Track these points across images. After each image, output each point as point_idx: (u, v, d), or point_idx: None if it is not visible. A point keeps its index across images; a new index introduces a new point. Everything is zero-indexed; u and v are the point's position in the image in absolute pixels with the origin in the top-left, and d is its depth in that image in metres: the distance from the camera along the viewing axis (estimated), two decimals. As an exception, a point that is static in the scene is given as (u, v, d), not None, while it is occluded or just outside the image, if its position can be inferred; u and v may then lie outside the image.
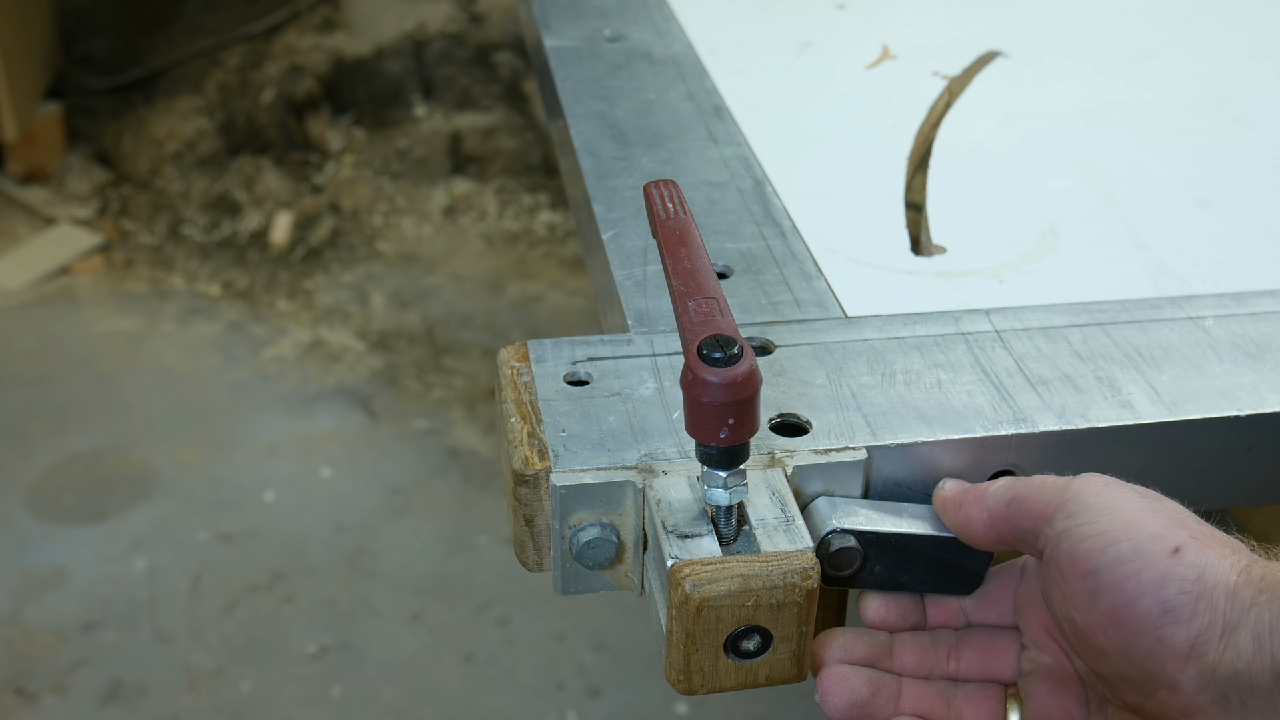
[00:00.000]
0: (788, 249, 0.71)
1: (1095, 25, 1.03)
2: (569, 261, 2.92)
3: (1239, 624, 0.46)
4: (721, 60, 0.96)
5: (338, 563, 2.10)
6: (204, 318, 2.73)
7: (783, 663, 0.50)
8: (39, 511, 2.19)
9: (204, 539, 2.14)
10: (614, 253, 0.70)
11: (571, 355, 0.60)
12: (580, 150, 0.82)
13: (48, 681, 1.88)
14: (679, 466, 0.54)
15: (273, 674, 1.90)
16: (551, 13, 1.03)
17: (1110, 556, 0.48)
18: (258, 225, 3.02)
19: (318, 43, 3.27)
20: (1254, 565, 0.48)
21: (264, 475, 2.28)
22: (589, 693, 1.88)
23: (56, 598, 2.02)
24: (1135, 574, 0.48)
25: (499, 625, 1.99)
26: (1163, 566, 0.48)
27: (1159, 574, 0.47)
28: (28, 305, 2.74)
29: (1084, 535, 0.49)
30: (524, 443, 0.55)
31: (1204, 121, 0.87)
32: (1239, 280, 0.69)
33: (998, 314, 0.65)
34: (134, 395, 2.47)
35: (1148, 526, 0.49)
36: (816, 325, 0.64)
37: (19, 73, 2.95)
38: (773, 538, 0.50)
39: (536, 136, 3.20)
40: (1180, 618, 0.47)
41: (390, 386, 2.52)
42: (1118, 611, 0.48)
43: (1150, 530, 0.48)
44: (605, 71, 0.93)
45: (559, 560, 0.54)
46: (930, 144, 0.84)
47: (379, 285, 2.84)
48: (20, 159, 3.07)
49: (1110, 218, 0.76)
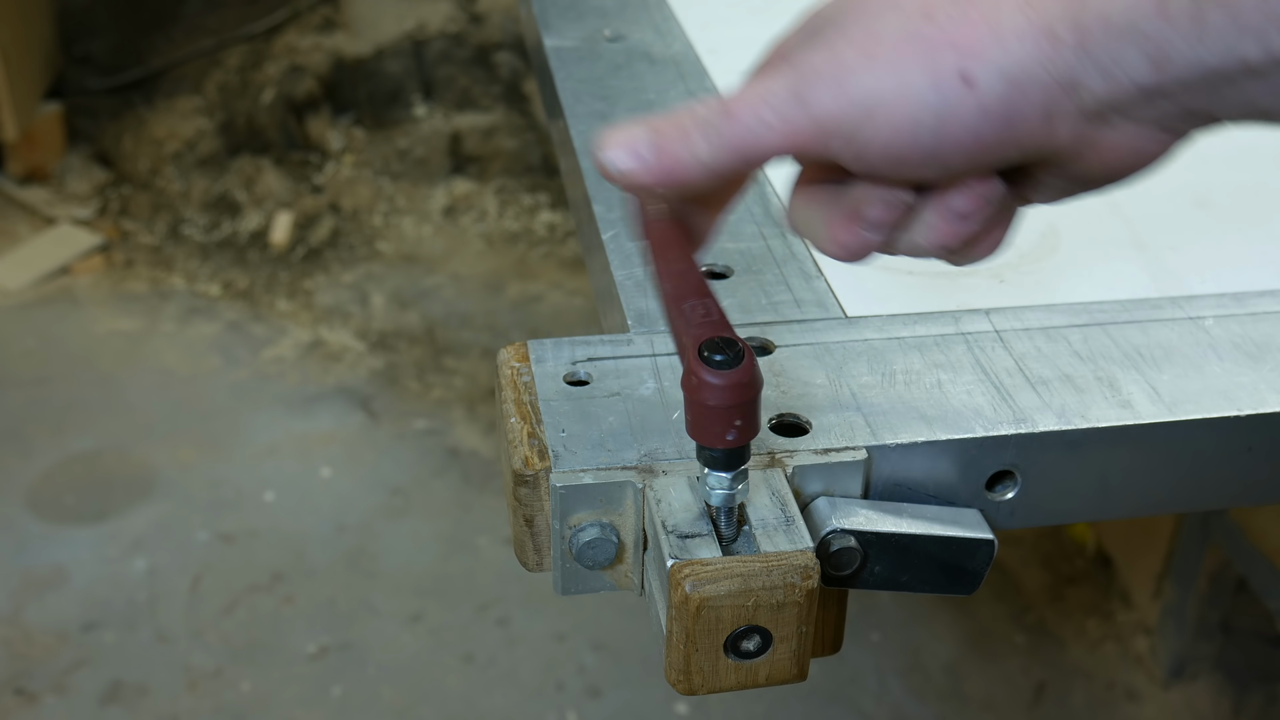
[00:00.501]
0: (788, 249, 0.71)
1: (1095, 25, 1.03)
2: (569, 261, 2.92)
3: (1072, 77, 0.45)
4: (722, 60, 0.96)
5: (338, 563, 2.10)
6: (204, 318, 2.73)
7: (783, 663, 0.50)
8: (39, 512, 2.19)
9: (204, 539, 2.14)
10: (614, 253, 0.70)
11: (571, 355, 0.61)
12: (580, 150, 0.82)
13: (48, 681, 1.88)
14: (679, 466, 0.54)
15: (273, 674, 1.90)
16: (551, 13, 1.03)
17: (922, 145, 0.46)
18: (258, 225, 3.02)
19: (318, 43, 3.27)
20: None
21: (264, 475, 2.28)
22: (589, 693, 1.88)
23: (56, 598, 2.02)
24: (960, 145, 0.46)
25: (499, 625, 1.99)
26: (972, 116, 0.45)
27: (984, 134, 0.46)
28: (28, 305, 2.74)
29: (876, 141, 0.47)
30: (524, 443, 0.55)
31: (1204, 121, 0.87)
32: (1239, 280, 0.69)
33: (998, 314, 0.65)
34: (134, 395, 2.48)
35: (915, 76, 0.45)
36: (816, 325, 0.64)
37: (19, 73, 2.95)
38: (773, 538, 0.50)
39: (536, 136, 3.20)
40: (1017, 133, 0.46)
41: (390, 386, 2.52)
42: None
43: (922, 77, 0.45)
44: (605, 71, 0.93)
45: (559, 560, 0.54)
46: (930, 144, 0.84)
47: (379, 285, 2.84)
48: (20, 159, 3.07)
49: (1110, 218, 0.76)
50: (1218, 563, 1.80)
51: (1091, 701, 1.89)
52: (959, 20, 0.46)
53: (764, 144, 0.49)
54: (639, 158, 0.49)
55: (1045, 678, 1.92)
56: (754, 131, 0.49)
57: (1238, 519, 1.71)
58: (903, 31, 0.46)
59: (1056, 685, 1.91)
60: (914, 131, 0.46)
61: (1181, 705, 1.88)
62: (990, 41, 0.45)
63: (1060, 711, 1.88)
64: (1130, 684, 1.91)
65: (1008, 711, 1.88)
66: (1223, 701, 1.87)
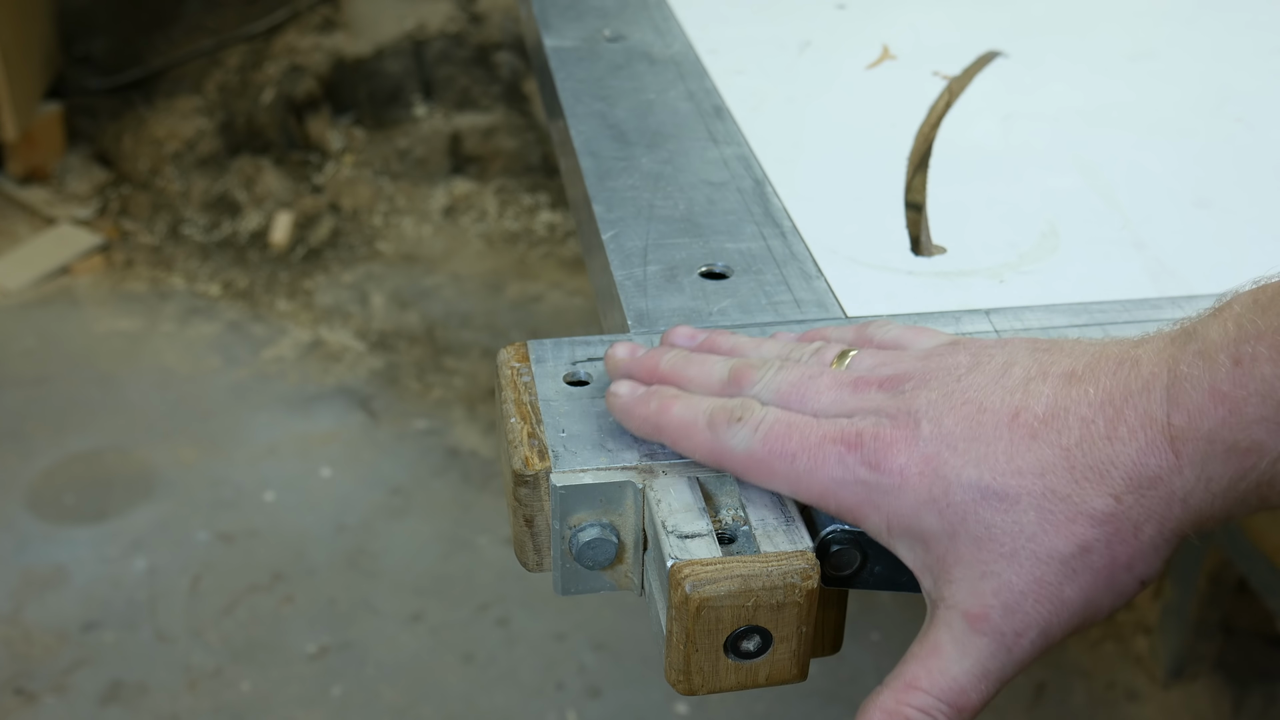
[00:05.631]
0: (788, 249, 0.71)
1: (1095, 26, 1.03)
2: (569, 261, 2.92)
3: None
4: (721, 60, 0.96)
5: (338, 563, 2.10)
6: (204, 318, 2.73)
7: (783, 663, 0.50)
8: (39, 511, 2.19)
9: (204, 539, 2.14)
10: (614, 253, 0.70)
11: (571, 355, 0.61)
12: (580, 150, 0.82)
13: (48, 681, 1.88)
14: (679, 466, 0.54)
15: (273, 674, 1.90)
16: (551, 13, 1.03)
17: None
18: (258, 225, 3.02)
19: (318, 43, 3.27)
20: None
21: (264, 475, 2.28)
22: (589, 693, 1.88)
23: (56, 598, 2.02)
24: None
25: (499, 625, 1.99)
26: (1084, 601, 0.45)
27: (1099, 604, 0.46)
28: (28, 305, 2.74)
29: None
30: (524, 443, 0.55)
31: (1204, 121, 0.87)
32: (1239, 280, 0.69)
33: (998, 314, 0.65)
34: (134, 395, 2.48)
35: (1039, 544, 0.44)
36: (816, 325, 0.64)
37: (19, 73, 2.95)
38: (773, 538, 0.50)
39: (536, 136, 3.20)
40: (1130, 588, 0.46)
41: (390, 386, 2.52)
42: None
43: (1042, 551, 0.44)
44: (605, 71, 0.93)
45: (559, 560, 0.54)
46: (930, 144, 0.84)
47: (379, 285, 2.84)
48: (20, 159, 3.07)
49: (1110, 218, 0.76)
50: (1218, 563, 1.79)
51: (1091, 701, 1.89)
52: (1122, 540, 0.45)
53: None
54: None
55: (1045, 677, 1.92)
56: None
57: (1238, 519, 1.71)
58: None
59: (1056, 685, 1.91)
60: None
61: (1181, 705, 1.88)
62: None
63: (1060, 711, 1.88)
64: (1130, 684, 1.91)
65: (1008, 711, 1.88)
66: (1223, 701, 1.87)
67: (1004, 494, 0.45)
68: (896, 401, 0.48)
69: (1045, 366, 0.47)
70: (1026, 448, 0.45)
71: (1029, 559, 0.44)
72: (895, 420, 0.48)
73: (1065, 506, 0.44)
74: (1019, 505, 0.44)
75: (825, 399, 0.50)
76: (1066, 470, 0.44)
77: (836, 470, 0.48)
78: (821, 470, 0.48)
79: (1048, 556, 0.44)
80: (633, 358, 0.56)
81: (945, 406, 0.47)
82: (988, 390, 0.47)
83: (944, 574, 0.46)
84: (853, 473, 0.47)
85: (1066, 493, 0.44)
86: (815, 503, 0.49)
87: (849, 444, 0.48)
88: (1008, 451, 0.45)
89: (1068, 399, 0.45)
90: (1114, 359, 0.46)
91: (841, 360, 0.53)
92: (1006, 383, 0.47)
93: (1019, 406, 0.46)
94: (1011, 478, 0.45)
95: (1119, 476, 0.44)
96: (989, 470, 0.45)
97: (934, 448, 0.46)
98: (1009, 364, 0.48)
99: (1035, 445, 0.45)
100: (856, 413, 0.49)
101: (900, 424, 0.47)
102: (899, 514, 0.47)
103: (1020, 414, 0.45)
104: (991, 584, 0.45)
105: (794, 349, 0.55)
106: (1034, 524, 0.44)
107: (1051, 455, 0.44)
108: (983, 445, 0.45)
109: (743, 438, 0.50)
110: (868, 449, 0.47)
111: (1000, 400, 0.46)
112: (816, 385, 0.51)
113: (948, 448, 0.46)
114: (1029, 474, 0.45)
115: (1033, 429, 0.45)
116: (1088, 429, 0.44)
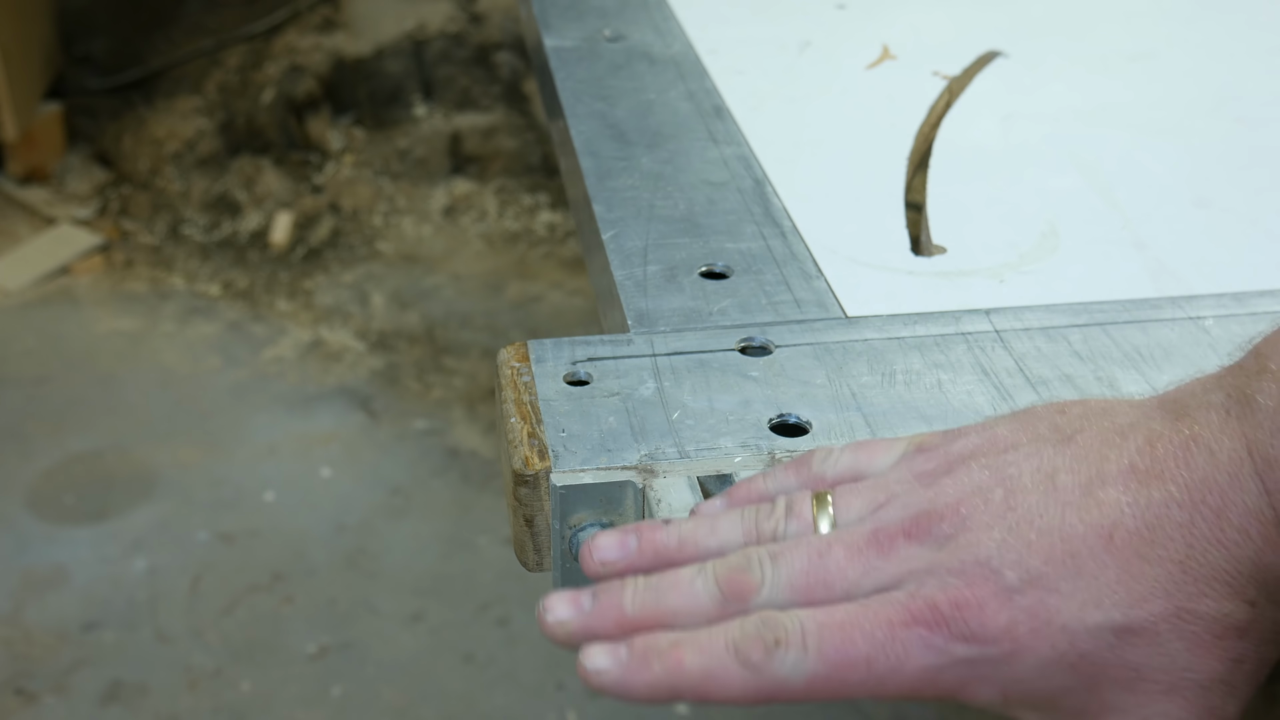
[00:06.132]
0: (788, 249, 0.71)
1: (1095, 25, 1.03)
2: (569, 261, 2.92)
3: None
4: (721, 60, 0.96)
5: (338, 563, 2.10)
6: (204, 318, 2.73)
7: (783, 663, 0.50)
8: (39, 511, 2.19)
9: (204, 539, 2.14)
10: (614, 253, 0.70)
11: (571, 355, 0.61)
12: (580, 150, 0.82)
13: (48, 681, 1.88)
14: (679, 467, 0.54)
15: (273, 674, 1.90)
16: (551, 13, 1.03)
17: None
18: (258, 225, 3.02)
19: (318, 43, 3.27)
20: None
21: (264, 475, 2.28)
22: (589, 693, 1.88)
23: (56, 598, 2.02)
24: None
25: (499, 625, 1.99)
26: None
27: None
28: (28, 305, 2.74)
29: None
30: (524, 443, 0.55)
31: (1204, 121, 0.87)
32: (1239, 280, 0.69)
33: (998, 314, 0.65)
34: (134, 395, 2.48)
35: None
36: (816, 325, 0.64)
37: (19, 73, 2.95)
38: (773, 538, 0.50)
39: (536, 136, 3.20)
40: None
41: (390, 386, 2.52)
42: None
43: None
44: (605, 71, 0.93)
45: (559, 560, 0.54)
46: (930, 144, 0.84)
47: (379, 285, 2.84)
48: (20, 159, 3.07)
49: (1110, 218, 0.76)
50: (1218, 563, 1.79)
51: (1091, 701, 1.89)
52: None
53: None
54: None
55: (1045, 678, 1.92)
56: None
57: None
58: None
59: (1056, 685, 1.91)
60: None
61: (1181, 705, 1.88)
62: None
63: (1060, 711, 1.88)
64: (1130, 684, 1.91)
65: (1008, 711, 1.88)
66: (1223, 701, 1.87)
67: (1140, 629, 0.40)
68: (949, 554, 0.42)
69: (1092, 465, 0.42)
70: (1140, 571, 0.40)
71: (1193, 689, 0.40)
72: (965, 577, 0.41)
73: (1207, 624, 0.40)
74: (1160, 636, 0.40)
75: (851, 575, 0.43)
76: (1191, 585, 0.40)
77: (926, 657, 0.41)
78: (908, 664, 0.41)
79: (1210, 682, 0.40)
80: (585, 613, 0.44)
81: (1019, 545, 0.41)
82: (1052, 513, 0.41)
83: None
84: (948, 654, 0.41)
85: (1201, 610, 0.40)
86: (907, 698, 0.42)
87: (928, 623, 0.41)
88: (1121, 580, 0.40)
89: (1152, 503, 0.40)
90: (1174, 442, 0.41)
91: (820, 511, 0.45)
92: (1066, 498, 0.41)
93: (1107, 525, 0.40)
94: (1138, 608, 0.40)
95: (1245, 580, 0.40)
96: (1111, 606, 0.40)
97: (1033, 598, 0.40)
98: (1045, 472, 0.42)
99: (1147, 567, 0.40)
100: (904, 579, 0.42)
101: (975, 580, 0.41)
102: (1018, 681, 0.41)
103: (1114, 534, 0.40)
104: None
105: (755, 519, 0.46)
106: (1184, 652, 0.40)
107: (1168, 573, 0.40)
108: (1088, 580, 0.40)
109: (793, 662, 0.41)
110: (955, 622, 0.40)
111: (1078, 522, 0.41)
112: (832, 563, 0.43)
113: (1049, 593, 0.40)
114: (1155, 599, 0.40)
115: (1136, 549, 0.40)
116: (1191, 535, 0.40)
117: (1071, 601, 0.40)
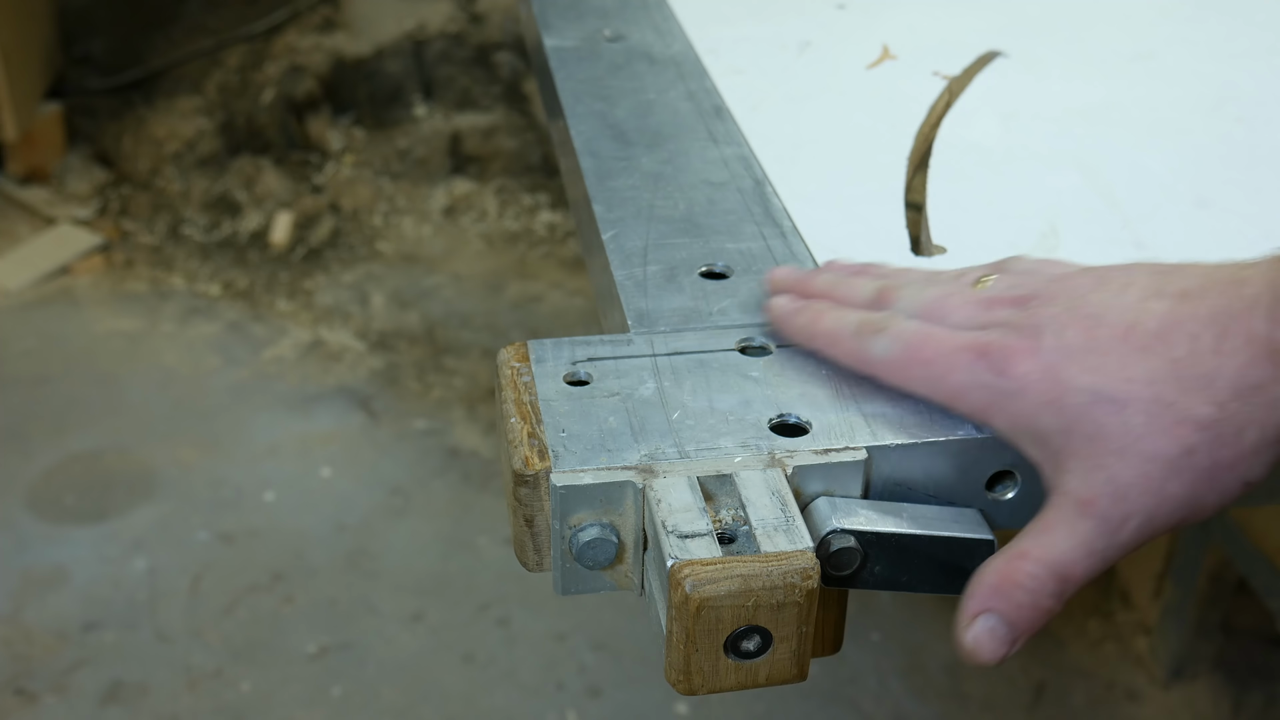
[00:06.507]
0: (788, 249, 0.71)
1: (1095, 25, 1.03)
2: (569, 261, 2.92)
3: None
4: (721, 60, 0.95)
5: (338, 563, 2.10)
6: (204, 318, 2.73)
7: (783, 663, 0.50)
8: (39, 511, 2.19)
9: (204, 539, 2.14)
10: (614, 253, 0.70)
11: (571, 355, 0.60)
12: (580, 150, 0.82)
13: (48, 681, 1.88)
14: (679, 467, 0.54)
15: (273, 674, 1.91)
16: (551, 13, 1.03)
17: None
18: (258, 225, 3.02)
19: (318, 43, 3.27)
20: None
21: (264, 475, 2.28)
22: (589, 693, 1.88)
23: (56, 598, 2.02)
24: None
25: (499, 625, 1.99)
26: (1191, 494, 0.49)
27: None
28: (28, 305, 2.74)
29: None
30: (524, 443, 0.55)
31: (1204, 121, 0.87)
32: (1239, 280, 0.69)
33: (998, 314, 0.65)
34: (134, 395, 2.48)
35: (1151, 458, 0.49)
36: (816, 325, 0.64)
37: (19, 73, 2.95)
38: (773, 538, 0.50)
39: (536, 136, 3.20)
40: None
41: (390, 386, 2.52)
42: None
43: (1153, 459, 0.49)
44: (605, 71, 0.93)
45: (559, 560, 0.54)
46: (930, 144, 0.84)
47: (379, 285, 2.84)
48: (20, 159, 3.07)
49: (1110, 218, 0.76)
50: (1218, 563, 1.79)
51: (1091, 701, 1.89)
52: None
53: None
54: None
55: (1045, 678, 1.92)
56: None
57: (1238, 519, 1.71)
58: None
59: (1056, 685, 1.91)
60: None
61: (1181, 705, 1.88)
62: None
63: (1060, 711, 1.88)
64: (1130, 684, 1.91)
65: (1008, 711, 1.88)
66: (1223, 701, 1.87)
67: (1115, 398, 0.49)
68: (1023, 316, 0.53)
69: (1161, 286, 0.51)
70: (1138, 359, 0.49)
71: (1136, 456, 0.49)
72: (1021, 332, 0.52)
73: (1172, 412, 0.48)
74: (1129, 409, 0.49)
75: (961, 314, 0.56)
76: (1174, 380, 0.49)
77: (966, 375, 0.53)
78: (953, 375, 0.54)
79: (1153, 455, 0.49)
80: (792, 276, 0.64)
81: (1066, 320, 0.52)
82: (1106, 306, 0.51)
83: (1060, 466, 0.51)
84: (980, 378, 0.53)
85: (1173, 400, 0.49)
86: (946, 404, 0.55)
87: (978, 353, 0.53)
88: (1121, 362, 0.50)
89: (1178, 316, 0.50)
90: (1225, 279, 0.50)
91: (980, 284, 0.58)
92: (1125, 300, 0.51)
93: (1133, 322, 0.50)
94: (1123, 385, 0.49)
95: (1223, 386, 0.48)
96: (1102, 377, 0.50)
97: (1054, 357, 0.51)
98: (1128, 284, 0.52)
99: (1146, 357, 0.49)
100: (988, 326, 0.54)
101: (1025, 336, 0.52)
102: (1021, 415, 0.52)
103: (1134, 329, 0.50)
104: (1101, 475, 0.50)
105: (938, 274, 0.61)
106: (1142, 426, 0.49)
107: (1161, 366, 0.49)
108: (1097, 356, 0.50)
109: (884, 346, 0.56)
110: (995, 357, 0.52)
111: (1117, 316, 0.51)
112: (953, 302, 0.56)
113: (1066, 357, 0.51)
114: (1139, 382, 0.49)
115: (1145, 343, 0.50)
116: (1195, 343, 0.49)
117: (1077, 367, 0.50)
